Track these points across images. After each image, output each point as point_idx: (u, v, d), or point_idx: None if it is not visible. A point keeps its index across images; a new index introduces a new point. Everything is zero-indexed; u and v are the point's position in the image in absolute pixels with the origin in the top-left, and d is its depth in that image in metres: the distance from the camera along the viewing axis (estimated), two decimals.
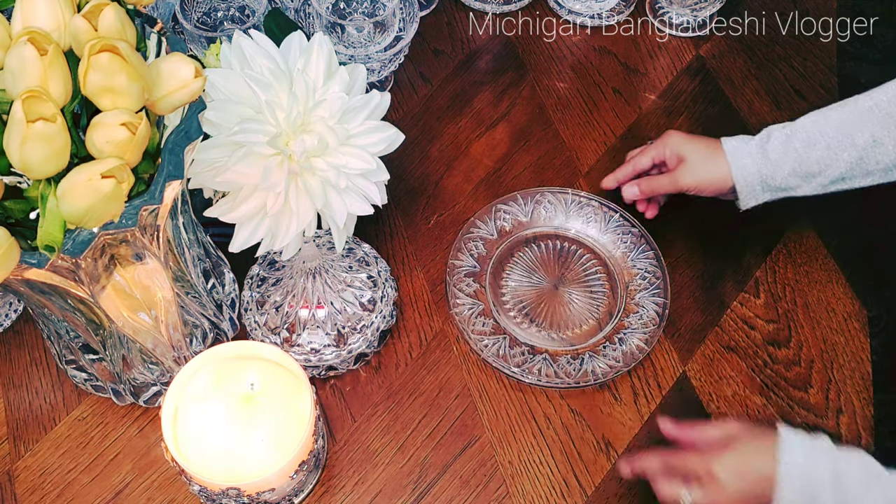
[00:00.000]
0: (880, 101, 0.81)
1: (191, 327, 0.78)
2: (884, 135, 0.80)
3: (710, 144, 0.87)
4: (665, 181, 0.88)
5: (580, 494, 0.79)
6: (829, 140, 0.82)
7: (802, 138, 0.83)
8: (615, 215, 0.92)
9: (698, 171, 0.86)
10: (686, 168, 0.87)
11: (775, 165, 0.84)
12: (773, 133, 0.85)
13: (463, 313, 0.86)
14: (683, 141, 0.88)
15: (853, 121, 0.81)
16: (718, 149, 0.86)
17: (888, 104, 0.81)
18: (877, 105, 0.81)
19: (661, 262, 0.89)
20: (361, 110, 0.64)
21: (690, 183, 0.87)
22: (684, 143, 0.88)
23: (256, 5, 0.92)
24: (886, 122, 0.80)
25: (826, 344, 0.87)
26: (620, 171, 0.92)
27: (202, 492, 0.70)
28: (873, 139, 0.81)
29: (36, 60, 0.48)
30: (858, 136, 0.81)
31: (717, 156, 0.86)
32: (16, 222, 0.55)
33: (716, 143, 0.87)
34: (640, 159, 0.91)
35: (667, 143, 0.89)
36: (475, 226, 0.92)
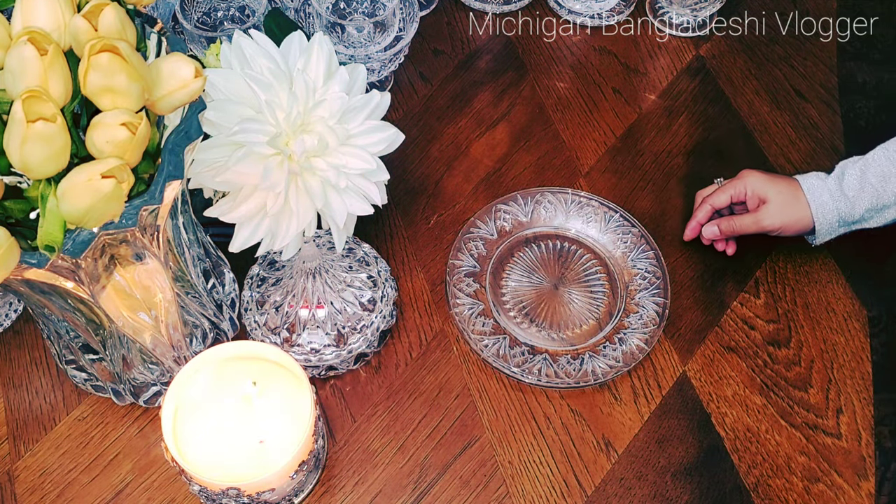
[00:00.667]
0: None
1: (191, 327, 0.78)
2: None
3: (790, 185, 0.88)
4: (748, 222, 0.89)
5: (580, 494, 0.79)
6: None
7: (877, 173, 0.84)
8: (615, 215, 0.92)
9: (782, 213, 0.87)
10: (769, 210, 0.87)
11: (853, 202, 0.85)
12: (846, 169, 0.86)
13: (463, 313, 0.86)
14: (763, 182, 0.88)
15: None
16: (798, 189, 0.87)
17: None
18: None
19: (661, 262, 0.89)
20: (361, 110, 0.64)
21: (775, 225, 0.88)
22: (765, 184, 0.88)
23: (256, 5, 0.92)
24: None
25: (826, 344, 0.87)
26: (699, 213, 0.91)
27: (202, 492, 0.70)
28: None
29: (36, 60, 0.48)
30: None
31: (798, 197, 0.87)
32: (16, 222, 0.55)
33: (794, 183, 0.88)
34: (719, 197, 0.90)
35: (746, 183, 0.89)
36: (475, 226, 0.92)
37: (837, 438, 0.81)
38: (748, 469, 0.80)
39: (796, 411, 0.83)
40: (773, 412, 0.83)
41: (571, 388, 0.83)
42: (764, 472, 0.79)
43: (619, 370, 0.83)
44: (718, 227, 0.90)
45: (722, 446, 0.81)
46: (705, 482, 0.79)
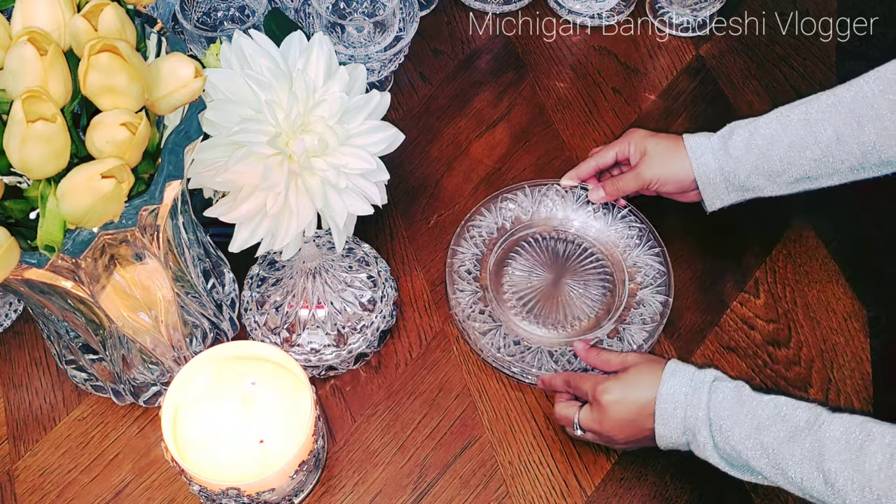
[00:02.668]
0: (843, 97, 0.79)
1: (191, 327, 0.78)
2: (847, 132, 0.78)
3: (672, 140, 0.87)
4: (629, 178, 0.88)
5: (580, 494, 0.79)
6: (793, 138, 0.80)
7: (765, 135, 0.81)
8: (622, 211, 0.92)
9: (660, 164, 0.86)
10: (648, 162, 0.86)
11: (737, 162, 0.82)
12: (735, 129, 0.84)
13: (463, 309, 0.86)
14: (646, 136, 0.88)
15: (816, 118, 0.80)
16: (680, 143, 0.86)
17: (851, 101, 0.79)
18: (840, 101, 0.79)
19: (665, 259, 0.88)
20: (361, 110, 0.64)
21: (652, 175, 0.86)
22: (647, 139, 0.87)
23: (256, 5, 0.92)
24: (848, 119, 0.78)
25: (826, 344, 0.87)
26: (582, 166, 0.91)
27: (202, 492, 0.70)
28: (836, 136, 0.79)
29: (36, 60, 0.48)
30: (822, 134, 0.79)
31: (679, 150, 0.85)
32: (16, 222, 0.55)
33: (678, 138, 0.86)
34: (604, 154, 0.90)
35: (630, 139, 0.88)
36: (477, 218, 0.92)
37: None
38: None
39: None
40: None
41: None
42: None
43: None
44: (604, 190, 0.89)
45: None
46: (705, 482, 0.79)
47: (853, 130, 0.78)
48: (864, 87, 0.79)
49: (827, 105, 0.80)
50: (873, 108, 0.78)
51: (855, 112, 0.78)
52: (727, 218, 0.93)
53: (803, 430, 0.65)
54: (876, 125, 0.77)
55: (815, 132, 0.79)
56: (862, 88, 0.79)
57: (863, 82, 0.79)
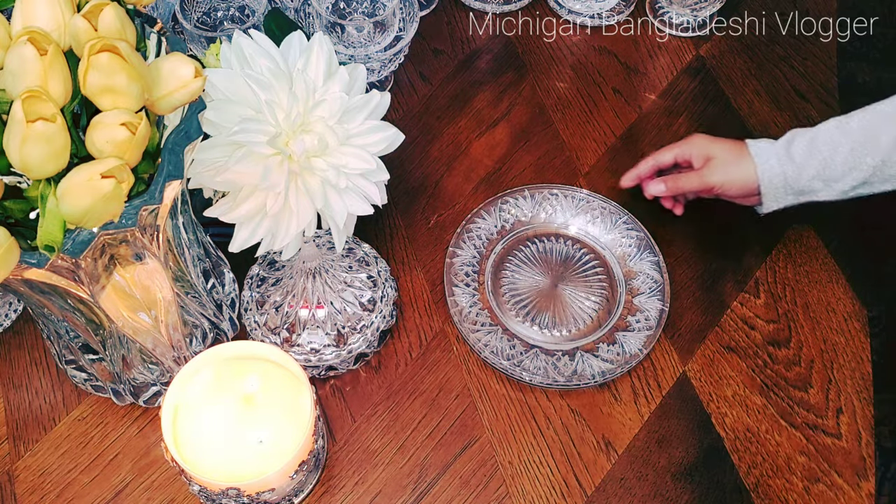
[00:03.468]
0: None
1: (191, 327, 0.78)
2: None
3: (736, 145, 0.88)
4: (693, 178, 0.89)
5: (580, 494, 0.79)
6: (854, 143, 0.82)
7: (826, 140, 0.83)
8: (622, 216, 0.92)
9: (726, 169, 0.87)
10: (713, 166, 0.88)
11: (800, 167, 0.84)
12: (797, 135, 0.86)
13: (461, 310, 0.86)
14: (709, 142, 0.89)
15: (877, 123, 0.82)
16: (744, 149, 0.87)
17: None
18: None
19: (662, 264, 0.89)
20: (361, 110, 0.64)
21: (717, 181, 0.87)
22: (711, 144, 0.89)
23: (256, 5, 0.92)
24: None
25: (826, 344, 0.87)
26: (641, 165, 0.92)
27: (202, 492, 0.70)
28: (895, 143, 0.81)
29: (36, 60, 0.48)
30: (882, 139, 0.81)
31: (743, 155, 0.87)
32: (16, 222, 0.55)
33: (741, 144, 0.88)
34: (663, 155, 0.91)
35: (692, 143, 0.90)
36: (476, 220, 0.92)
37: (837, 438, 0.81)
38: (748, 469, 0.80)
39: (796, 411, 0.83)
40: (773, 412, 0.83)
41: (571, 388, 0.83)
42: (764, 473, 0.79)
43: (620, 370, 0.83)
44: (664, 184, 0.90)
45: (722, 446, 0.81)
46: (705, 482, 0.79)
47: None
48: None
49: (886, 112, 0.82)
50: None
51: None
52: (727, 218, 0.93)
53: None
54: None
55: (876, 138, 0.82)
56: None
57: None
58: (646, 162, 0.92)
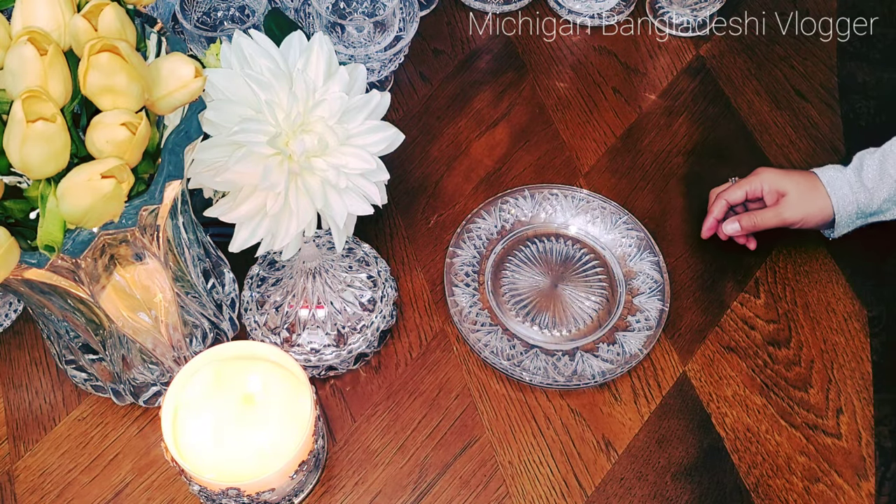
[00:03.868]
0: None
1: (191, 327, 0.78)
2: None
3: (806, 177, 0.88)
4: (769, 215, 0.88)
5: (580, 494, 0.79)
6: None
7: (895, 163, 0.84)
8: (622, 216, 0.92)
9: (802, 205, 0.87)
10: (789, 202, 0.87)
11: (871, 193, 0.85)
12: (865, 159, 0.86)
13: (461, 310, 0.86)
14: (780, 176, 0.88)
15: None
16: (815, 181, 0.87)
17: None
18: None
19: (662, 264, 0.89)
20: (361, 110, 0.64)
21: (796, 217, 0.87)
22: (781, 178, 0.88)
23: (256, 5, 0.92)
24: None
25: (826, 344, 0.87)
26: (714, 210, 0.90)
27: (202, 492, 0.70)
28: None
29: (36, 60, 0.48)
30: None
31: (816, 188, 0.87)
32: (16, 222, 0.55)
33: (811, 176, 0.87)
34: (734, 193, 0.89)
35: (762, 178, 0.88)
36: (476, 220, 0.92)
37: (837, 438, 0.81)
38: (748, 469, 0.80)
39: (796, 411, 0.83)
40: (773, 412, 0.83)
41: (571, 388, 0.83)
42: (764, 472, 0.79)
43: (619, 370, 0.83)
44: (739, 223, 0.89)
45: (722, 446, 0.81)
46: (705, 482, 0.79)
47: None
48: None
49: None
50: None
51: None
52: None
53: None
54: None
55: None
56: None
57: None
58: (717, 204, 0.90)
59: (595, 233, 0.92)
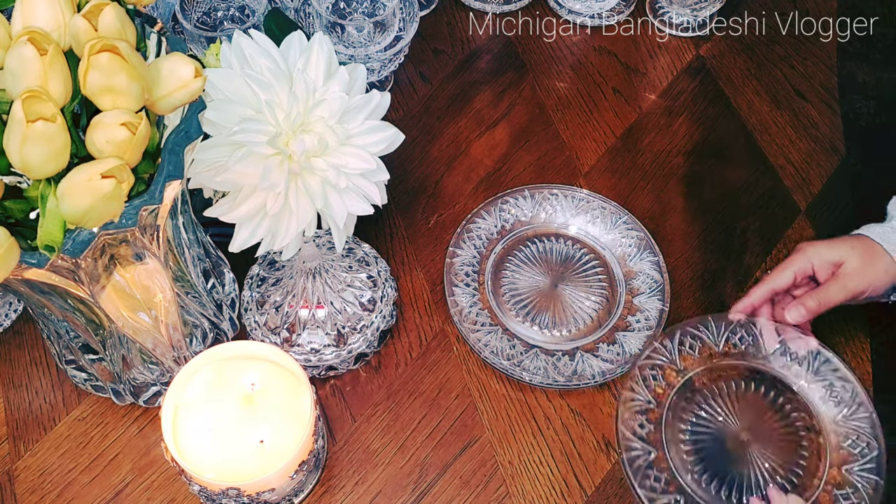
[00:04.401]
0: None
1: (191, 327, 0.78)
2: None
3: (861, 243, 0.81)
4: (834, 290, 0.79)
5: (580, 494, 0.79)
6: None
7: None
8: (622, 216, 0.92)
9: (866, 273, 0.79)
10: (851, 273, 0.79)
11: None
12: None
13: (461, 310, 0.86)
14: (829, 248, 0.81)
15: None
16: (870, 243, 0.80)
17: None
18: None
19: (662, 264, 0.89)
20: (361, 110, 0.64)
21: (863, 286, 0.79)
22: (832, 251, 0.80)
23: (256, 5, 0.92)
24: None
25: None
26: (755, 293, 0.81)
27: (202, 492, 0.70)
28: None
29: (36, 60, 0.48)
30: None
31: (873, 249, 0.80)
32: (16, 222, 0.55)
33: (863, 238, 0.81)
34: (781, 276, 0.81)
35: (808, 255, 0.81)
36: (476, 220, 0.92)
37: None
38: None
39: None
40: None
41: (571, 388, 0.83)
42: None
43: (619, 370, 0.83)
44: (805, 307, 0.79)
45: None
46: None
47: None
48: None
49: None
50: None
51: None
52: (728, 218, 0.93)
53: None
54: None
55: None
56: None
57: None
58: (760, 289, 0.81)
59: (595, 233, 0.92)
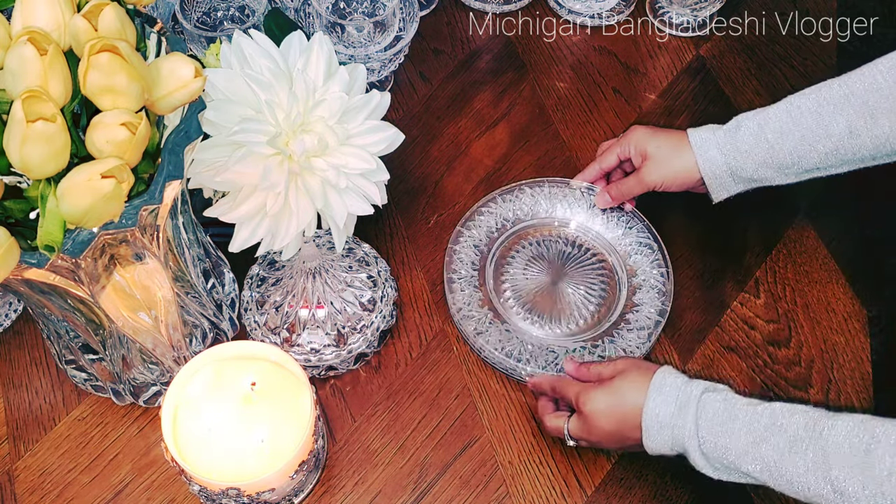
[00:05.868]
0: (855, 88, 0.77)
1: (191, 327, 0.78)
2: (860, 125, 0.76)
3: (674, 137, 0.85)
4: (632, 183, 0.87)
5: (580, 494, 0.79)
6: (804, 131, 0.78)
7: (775, 128, 0.79)
8: (623, 214, 0.92)
9: (663, 166, 0.84)
10: (651, 165, 0.85)
11: (745, 156, 0.81)
12: (742, 122, 0.81)
13: (461, 309, 0.86)
14: (647, 136, 0.86)
15: (827, 110, 0.77)
16: (684, 140, 0.83)
17: (864, 92, 0.76)
18: (852, 93, 0.77)
19: (663, 262, 0.89)
20: (361, 110, 0.64)
21: (656, 180, 0.85)
22: (648, 139, 0.85)
23: (256, 5, 0.92)
24: (862, 112, 0.76)
25: (826, 344, 0.87)
26: (588, 170, 0.91)
27: (202, 492, 0.70)
28: (849, 130, 0.76)
29: (36, 60, 0.48)
30: (834, 127, 0.77)
31: (682, 148, 0.83)
32: (16, 222, 0.55)
33: (681, 134, 0.84)
34: (606, 158, 0.89)
35: (630, 139, 0.86)
36: (476, 218, 0.92)
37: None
38: None
39: None
40: None
41: None
42: None
43: None
44: (609, 195, 0.89)
45: None
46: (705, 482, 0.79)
47: (866, 123, 0.76)
48: (877, 79, 0.76)
49: (839, 96, 0.77)
50: (888, 100, 0.75)
51: (868, 105, 0.76)
52: (728, 218, 0.93)
53: (804, 440, 0.63)
54: (890, 118, 0.75)
55: (827, 125, 0.77)
56: (875, 79, 0.76)
57: (876, 72, 0.77)
58: (591, 167, 0.90)
59: (596, 229, 0.92)
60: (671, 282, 0.88)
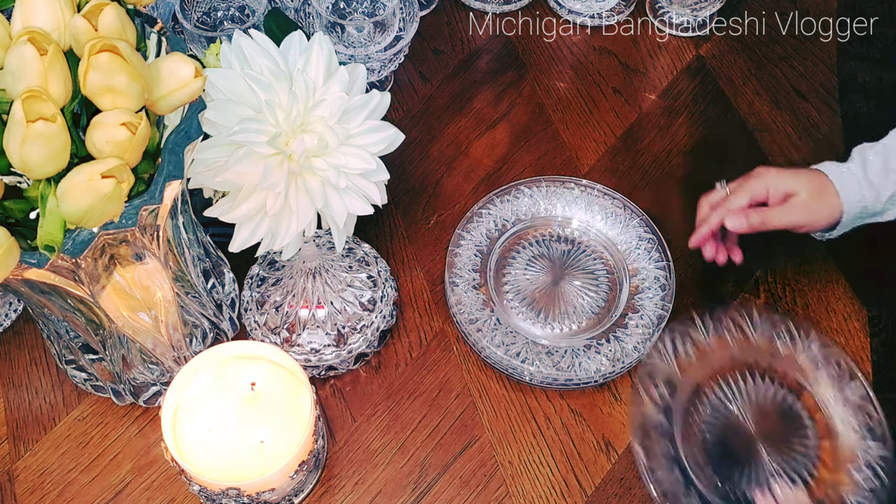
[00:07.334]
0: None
1: (191, 327, 0.78)
2: None
3: (816, 177, 0.81)
4: (777, 214, 0.80)
5: (580, 494, 0.79)
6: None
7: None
8: (624, 213, 0.92)
9: (812, 208, 0.80)
10: (798, 205, 0.80)
11: (878, 190, 0.79)
12: (867, 155, 0.80)
13: (462, 308, 0.86)
14: (785, 176, 0.81)
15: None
16: (825, 181, 0.80)
17: None
18: None
19: (664, 261, 0.89)
20: (361, 110, 0.64)
21: (804, 220, 0.80)
22: (787, 179, 0.81)
23: (256, 5, 0.92)
24: None
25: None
26: (713, 219, 0.82)
27: (202, 492, 0.70)
28: None
29: (36, 60, 0.48)
30: None
31: (825, 188, 0.80)
32: (16, 222, 0.55)
33: (819, 174, 0.81)
34: (737, 200, 0.81)
35: (765, 181, 0.81)
36: (476, 218, 0.92)
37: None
38: None
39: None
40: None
41: (571, 388, 0.83)
42: None
43: (618, 370, 0.83)
44: (746, 219, 0.80)
45: None
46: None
47: None
48: None
49: None
50: None
51: None
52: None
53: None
54: None
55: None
56: None
57: None
58: (717, 214, 0.82)
59: (597, 228, 0.92)
60: (672, 281, 0.88)
